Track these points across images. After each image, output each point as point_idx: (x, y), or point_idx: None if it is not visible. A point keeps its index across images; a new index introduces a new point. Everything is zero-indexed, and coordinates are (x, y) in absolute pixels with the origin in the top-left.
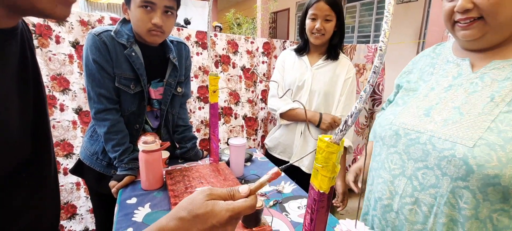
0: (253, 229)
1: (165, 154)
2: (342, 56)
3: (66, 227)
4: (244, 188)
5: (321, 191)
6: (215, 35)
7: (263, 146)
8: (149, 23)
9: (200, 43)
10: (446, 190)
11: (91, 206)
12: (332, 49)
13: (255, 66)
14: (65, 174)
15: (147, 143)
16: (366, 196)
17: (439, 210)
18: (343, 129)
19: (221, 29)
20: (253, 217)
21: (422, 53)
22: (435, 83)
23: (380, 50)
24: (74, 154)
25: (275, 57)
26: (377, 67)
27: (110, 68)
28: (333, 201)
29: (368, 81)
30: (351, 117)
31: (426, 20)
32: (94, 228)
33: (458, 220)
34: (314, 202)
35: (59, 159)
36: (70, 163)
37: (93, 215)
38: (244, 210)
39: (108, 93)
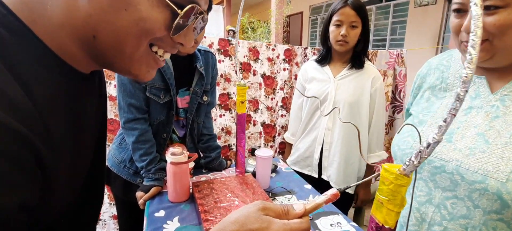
0: None
1: (190, 164)
2: (367, 64)
3: None
4: (299, 207)
5: (387, 226)
6: (238, 43)
7: (281, 153)
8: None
9: (222, 50)
10: (478, 222)
11: (114, 213)
12: (357, 57)
13: (292, 81)
14: None
15: (175, 154)
16: None
17: None
18: (416, 161)
19: (235, 33)
20: None
21: (428, 65)
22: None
23: (466, 77)
24: None
25: (297, 64)
26: (462, 96)
27: None
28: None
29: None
30: (427, 148)
31: (445, 25)
32: None
33: None
34: None
35: None
36: None
37: (116, 221)
38: None
39: (138, 103)
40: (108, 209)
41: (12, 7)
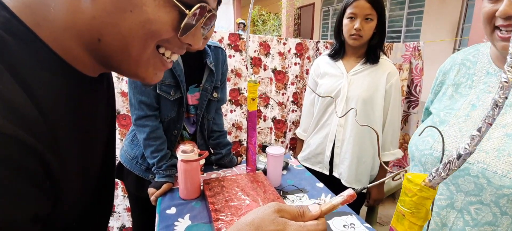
0: None
1: (201, 161)
2: (383, 58)
3: None
4: (315, 209)
5: None
6: (249, 38)
7: (292, 149)
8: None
9: (232, 45)
10: (506, 230)
11: (128, 205)
12: (371, 51)
13: (305, 79)
14: None
15: (186, 152)
16: None
17: None
18: (444, 173)
19: (245, 26)
20: None
21: (452, 60)
22: (476, 99)
23: (506, 82)
24: None
25: (308, 58)
26: (500, 102)
27: None
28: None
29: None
30: (458, 159)
31: (464, 15)
32: (131, 226)
33: None
34: None
35: None
36: None
37: (130, 213)
38: None
39: (148, 100)
40: (122, 202)
41: (16, 10)
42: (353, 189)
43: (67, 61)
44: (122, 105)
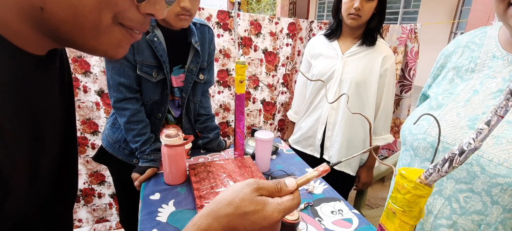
0: None
1: (188, 145)
2: (380, 41)
3: (96, 190)
4: (291, 183)
5: None
6: (238, 15)
7: (280, 130)
8: (177, 7)
9: (221, 24)
10: (495, 220)
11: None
12: (369, 34)
13: (295, 59)
14: (93, 148)
15: (170, 136)
16: None
17: None
18: (443, 169)
19: (239, 4)
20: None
21: (456, 42)
22: (479, 85)
23: None
24: (99, 132)
25: (301, 39)
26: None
27: (131, 55)
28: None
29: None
30: (461, 155)
31: None
32: None
33: None
34: None
35: (86, 135)
36: (96, 140)
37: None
38: (292, 207)
39: (128, 82)
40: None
41: None
42: (327, 163)
43: (5, 37)
44: (106, 84)
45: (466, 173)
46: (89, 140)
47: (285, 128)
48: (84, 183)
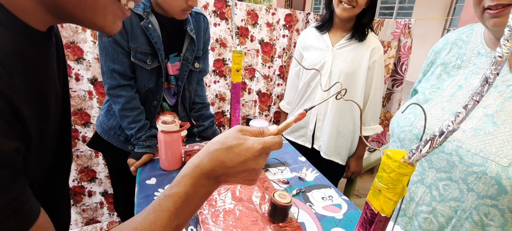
0: (280, 224)
1: (183, 132)
2: (369, 34)
3: (87, 188)
4: (272, 127)
5: (383, 215)
6: (235, 5)
7: (275, 122)
8: (185, 4)
9: (218, 13)
10: (470, 206)
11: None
12: (360, 28)
13: (291, 49)
14: (84, 141)
15: (167, 123)
16: None
17: (459, 224)
18: (424, 150)
19: None
20: (281, 213)
21: (445, 39)
22: (464, 80)
23: (500, 57)
24: (91, 123)
25: (297, 31)
26: (491, 79)
27: (125, 42)
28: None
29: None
30: (440, 136)
31: None
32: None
33: None
34: (370, 223)
35: (77, 127)
36: (88, 132)
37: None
38: (273, 146)
39: (121, 69)
40: (103, 169)
41: None
42: (305, 110)
43: (15, 14)
44: (99, 72)
45: (446, 162)
46: (80, 132)
47: (280, 120)
48: (73, 180)
